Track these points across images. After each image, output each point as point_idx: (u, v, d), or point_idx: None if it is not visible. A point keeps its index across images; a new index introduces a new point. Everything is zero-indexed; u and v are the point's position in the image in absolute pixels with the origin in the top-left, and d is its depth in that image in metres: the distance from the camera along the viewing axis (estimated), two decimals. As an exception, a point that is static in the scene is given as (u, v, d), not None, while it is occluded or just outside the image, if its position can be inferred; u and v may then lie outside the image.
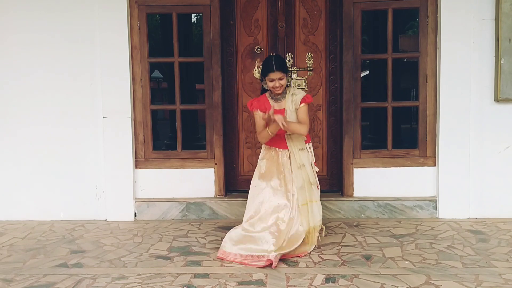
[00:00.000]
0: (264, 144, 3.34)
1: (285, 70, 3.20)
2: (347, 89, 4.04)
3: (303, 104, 3.21)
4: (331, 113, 4.26)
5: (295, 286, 2.62)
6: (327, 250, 3.22)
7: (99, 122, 4.05)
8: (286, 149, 3.26)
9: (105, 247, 3.38)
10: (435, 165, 4.03)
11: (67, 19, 4.01)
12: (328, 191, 4.26)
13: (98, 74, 4.02)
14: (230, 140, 4.29)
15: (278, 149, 3.29)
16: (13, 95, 4.08)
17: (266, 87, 3.27)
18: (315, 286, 2.61)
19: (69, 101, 4.06)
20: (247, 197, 3.37)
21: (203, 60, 4.14)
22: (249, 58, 4.23)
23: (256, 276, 2.76)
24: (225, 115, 4.21)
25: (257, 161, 3.42)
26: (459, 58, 3.86)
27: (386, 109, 4.15)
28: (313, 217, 3.21)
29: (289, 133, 3.22)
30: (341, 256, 3.08)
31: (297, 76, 4.19)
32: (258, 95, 3.48)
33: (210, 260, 3.06)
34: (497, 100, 3.86)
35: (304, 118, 3.21)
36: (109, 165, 4.06)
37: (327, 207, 4.02)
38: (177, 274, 2.82)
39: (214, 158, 4.15)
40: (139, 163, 4.16)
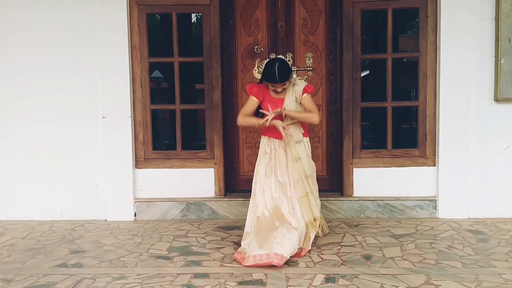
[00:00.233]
0: (262, 135, 3.29)
1: (288, 78, 3.12)
2: (347, 89, 4.04)
3: (305, 94, 3.17)
4: (331, 113, 4.26)
5: (295, 286, 2.62)
6: (327, 250, 3.22)
7: (99, 122, 4.05)
8: (281, 139, 3.18)
9: (105, 247, 3.38)
10: (435, 165, 4.03)
11: (67, 19, 4.00)
12: (328, 191, 4.26)
13: (98, 74, 4.02)
14: (230, 140, 4.29)
15: (274, 139, 3.22)
16: (13, 95, 4.08)
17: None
18: (315, 286, 2.62)
19: (69, 101, 4.06)
20: (247, 197, 3.37)
21: (203, 60, 4.14)
22: (249, 58, 4.23)
23: (256, 276, 2.76)
24: (225, 115, 4.21)
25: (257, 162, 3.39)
26: (459, 58, 3.86)
27: (386, 109, 4.15)
28: (315, 208, 3.23)
29: (287, 124, 3.16)
30: (341, 256, 3.08)
31: (297, 76, 4.19)
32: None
33: (210, 260, 3.06)
34: (497, 100, 3.86)
35: (311, 107, 3.18)
36: (109, 165, 4.06)
37: (327, 207, 4.02)
38: (177, 274, 2.82)
39: (214, 158, 4.15)
40: (139, 163, 4.16)
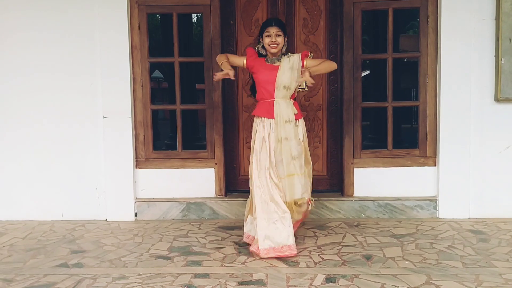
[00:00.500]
0: (256, 116, 3.26)
1: (283, 29, 3.21)
2: (347, 89, 4.04)
3: (306, 59, 3.21)
4: (332, 113, 4.26)
5: (295, 286, 2.62)
6: (327, 250, 3.22)
7: (100, 122, 4.05)
8: (273, 118, 3.15)
9: (106, 247, 3.38)
10: (435, 165, 4.02)
11: (67, 19, 4.01)
12: (329, 191, 4.26)
13: (98, 74, 4.02)
14: (231, 140, 4.29)
15: (265, 119, 3.19)
16: (13, 95, 4.08)
17: (262, 51, 3.26)
18: (315, 286, 2.61)
19: (69, 101, 4.06)
20: (247, 197, 3.36)
21: (203, 60, 4.14)
22: (249, 58, 4.23)
23: (256, 276, 2.76)
24: (226, 115, 4.21)
25: None
26: (460, 58, 3.86)
27: (386, 109, 4.15)
28: (292, 191, 3.13)
29: (277, 99, 3.15)
30: (341, 256, 3.08)
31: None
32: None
33: (210, 260, 3.06)
34: (497, 100, 3.86)
35: (319, 60, 3.30)
36: (109, 165, 4.07)
37: (328, 207, 4.03)
38: (178, 274, 2.82)
39: (215, 158, 4.15)
40: (139, 163, 4.17)
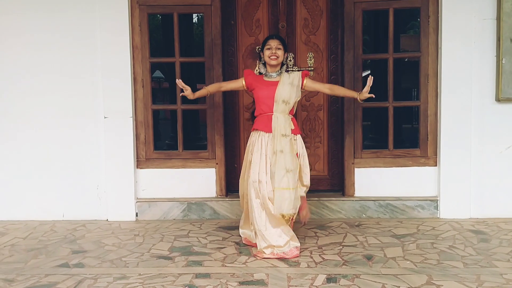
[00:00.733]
0: (254, 130, 3.27)
1: (283, 43, 3.27)
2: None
3: (306, 78, 3.27)
4: (332, 113, 4.26)
5: (296, 286, 2.62)
6: (328, 250, 3.22)
7: (100, 122, 4.05)
8: (270, 132, 3.16)
9: (107, 247, 3.38)
10: (436, 165, 4.02)
11: (68, 19, 4.01)
12: (329, 191, 4.26)
13: (99, 74, 4.02)
14: (231, 140, 4.29)
15: (263, 133, 3.20)
16: (14, 95, 4.08)
17: (262, 70, 3.29)
18: (316, 286, 2.61)
19: (70, 101, 4.07)
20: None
21: (204, 60, 4.14)
22: (250, 58, 4.23)
23: (257, 276, 2.76)
24: (226, 115, 4.21)
25: None
26: (460, 58, 3.86)
27: (387, 109, 4.15)
28: (280, 205, 3.08)
29: (276, 114, 3.17)
30: (342, 256, 3.08)
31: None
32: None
33: (211, 260, 3.06)
34: (498, 100, 3.86)
35: (322, 83, 3.56)
36: (110, 165, 4.07)
37: (328, 207, 4.03)
38: (179, 274, 2.82)
39: (215, 158, 4.15)
40: (140, 163, 4.17)
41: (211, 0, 4.03)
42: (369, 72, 9.67)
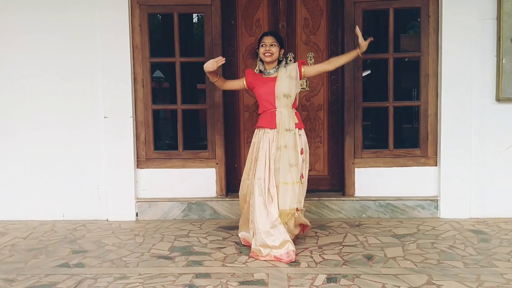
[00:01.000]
0: (256, 128, 3.30)
1: (278, 39, 3.26)
2: (348, 89, 4.04)
3: (303, 66, 3.24)
4: (333, 113, 4.26)
5: (296, 286, 2.62)
6: (328, 250, 3.22)
7: (101, 122, 4.05)
8: (275, 128, 3.17)
9: (107, 247, 3.38)
10: (436, 165, 4.02)
11: (68, 19, 4.01)
12: (330, 191, 4.26)
13: (99, 74, 4.02)
14: (232, 140, 4.29)
15: (267, 129, 3.20)
16: (15, 96, 4.08)
17: (261, 67, 3.30)
18: (316, 286, 2.61)
19: (70, 101, 4.07)
20: (248, 197, 3.36)
21: (204, 60, 4.08)
22: (250, 58, 4.23)
23: (257, 276, 2.76)
24: (226, 115, 4.21)
25: None
26: (461, 58, 3.86)
27: (387, 109, 4.15)
28: (284, 201, 3.10)
29: (279, 108, 3.17)
30: (342, 256, 3.08)
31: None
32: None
33: (211, 260, 3.06)
34: (498, 99, 3.86)
35: (319, 64, 3.38)
36: (110, 165, 4.07)
37: (329, 207, 4.03)
38: (179, 274, 2.83)
39: (216, 158, 4.15)
40: (140, 163, 4.17)
41: (211, 0, 4.03)
42: (369, 72, 9.71)
